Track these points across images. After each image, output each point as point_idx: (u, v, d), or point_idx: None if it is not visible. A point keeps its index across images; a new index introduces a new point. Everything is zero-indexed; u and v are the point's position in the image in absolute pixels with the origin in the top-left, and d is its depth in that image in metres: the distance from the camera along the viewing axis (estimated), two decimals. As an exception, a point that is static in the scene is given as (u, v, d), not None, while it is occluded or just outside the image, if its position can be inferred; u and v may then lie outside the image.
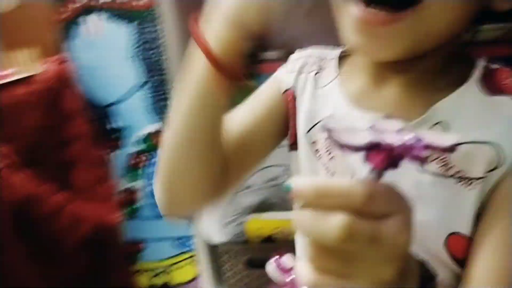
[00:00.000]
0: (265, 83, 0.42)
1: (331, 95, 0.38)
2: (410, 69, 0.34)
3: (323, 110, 0.38)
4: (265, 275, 0.37)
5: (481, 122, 0.32)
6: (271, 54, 0.56)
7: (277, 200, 0.69)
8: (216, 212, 0.65)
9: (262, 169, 0.65)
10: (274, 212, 0.67)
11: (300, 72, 0.40)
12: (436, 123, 0.32)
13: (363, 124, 0.22)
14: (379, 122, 0.22)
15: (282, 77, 0.41)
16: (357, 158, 0.21)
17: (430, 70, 0.34)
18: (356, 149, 0.20)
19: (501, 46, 0.53)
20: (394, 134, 0.21)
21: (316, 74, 0.40)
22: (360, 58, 0.37)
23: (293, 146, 0.41)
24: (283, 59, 0.43)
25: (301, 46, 0.44)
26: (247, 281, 0.68)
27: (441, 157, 0.32)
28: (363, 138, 0.20)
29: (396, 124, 0.22)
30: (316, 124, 0.38)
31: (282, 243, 0.65)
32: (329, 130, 0.21)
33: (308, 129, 0.38)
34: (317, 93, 0.39)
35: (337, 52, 0.41)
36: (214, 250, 0.68)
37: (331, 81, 0.39)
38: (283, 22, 0.33)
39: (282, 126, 0.41)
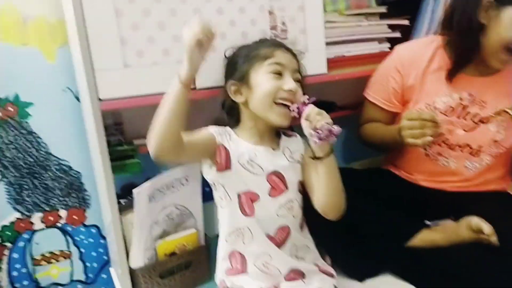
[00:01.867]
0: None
1: (241, 145, 0.85)
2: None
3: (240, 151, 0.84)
4: (174, 282, 0.76)
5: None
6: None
7: (172, 229, 1.03)
8: (136, 244, 0.94)
9: (164, 209, 0.99)
10: (171, 235, 1.01)
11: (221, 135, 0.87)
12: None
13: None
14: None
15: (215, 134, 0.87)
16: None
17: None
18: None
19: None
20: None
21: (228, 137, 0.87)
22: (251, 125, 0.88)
23: (225, 169, 0.85)
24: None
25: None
26: (161, 289, 0.99)
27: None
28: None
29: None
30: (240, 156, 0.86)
31: (184, 254, 1.00)
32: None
33: (237, 158, 0.84)
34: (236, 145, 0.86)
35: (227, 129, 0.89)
36: (133, 273, 0.96)
37: (238, 141, 0.86)
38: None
39: (207, 154, 0.85)
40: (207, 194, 1.08)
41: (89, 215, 1.22)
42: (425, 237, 1.01)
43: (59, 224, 1.19)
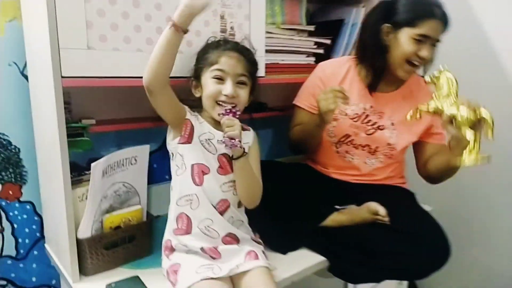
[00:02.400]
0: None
1: (205, 126, 0.98)
2: None
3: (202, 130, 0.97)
4: (117, 253, 0.88)
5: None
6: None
7: (118, 205, 1.10)
8: (87, 215, 1.00)
9: (113, 184, 1.06)
10: (118, 210, 1.08)
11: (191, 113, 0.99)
12: None
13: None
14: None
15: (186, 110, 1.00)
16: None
17: None
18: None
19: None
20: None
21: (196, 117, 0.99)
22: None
23: (186, 142, 0.97)
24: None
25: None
26: (105, 259, 1.05)
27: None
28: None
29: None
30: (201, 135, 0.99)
31: (128, 228, 1.08)
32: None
33: (199, 136, 0.97)
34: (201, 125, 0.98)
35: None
36: (79, 243, 1.01)
37: (203, 122, 0.99)
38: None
39: (176, 117, 1.00)
40: (151, 177, 1.18)
41: (25, 191, 1.21)
42: (334, 219, 1.24)
43: (-7, 198, 1.17)
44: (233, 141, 0.94)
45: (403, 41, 1.20)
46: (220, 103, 0.99)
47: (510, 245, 1.63)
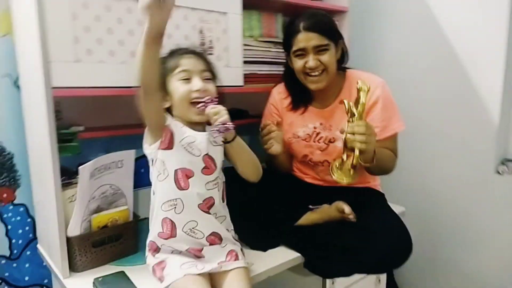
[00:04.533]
0: None
1: (185, 130, 1.03)
2: None
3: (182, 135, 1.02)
4: (104, 251, 0.99)
5: None
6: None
7: (105, 206, 1.18)
8: (76, 215, 1.08)
9: (100, 186, 1.14)
10: (105, 211, 1.16)
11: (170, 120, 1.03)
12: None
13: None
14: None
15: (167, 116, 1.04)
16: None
17: None
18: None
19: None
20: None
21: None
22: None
23: (167, 148, 1.02)
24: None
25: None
26: (93, 256, 1.13)
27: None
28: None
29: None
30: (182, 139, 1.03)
31: (115, 227, 1.16)
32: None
33: (180, 140, 1.02)
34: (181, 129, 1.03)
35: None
36: (69, 241, 1.09)
37: (182, 127, 1.03)
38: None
39: (160, 121, 1.02)
40: (139, 181, 1.26)
41: (18, 194, 1.29)
42: (308, 217, 1.32)
43: (-12, 201, 1.24)
44: (226, 125, 0.99)
45: (293, 60, 1.32)
46: (194, 101, 1.02)
47: (483, 244, 1.72)
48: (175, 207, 1.03)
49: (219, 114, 1.01)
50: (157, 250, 1.07)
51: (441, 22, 1.73)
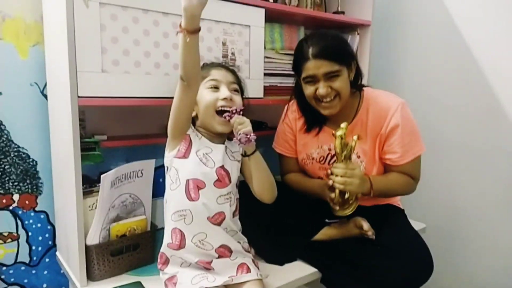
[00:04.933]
0: None
1: (203, 141, 1.05)
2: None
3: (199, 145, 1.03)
4: (122, 260, 1.01)
5: None
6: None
7: (124, 215, 1.18)
8: (96, 223, 1.08)
9: (120, 195, 1.15)
10: (124, 220, 1.17)
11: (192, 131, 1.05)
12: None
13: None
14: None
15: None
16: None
17: None
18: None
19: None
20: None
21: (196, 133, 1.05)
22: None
23: (183, 157, 1.03)
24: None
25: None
26: (111, 265, 1.13)
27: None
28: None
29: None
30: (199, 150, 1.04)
31: (133, 237, 1.16)
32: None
33: (196, 151, 1.03)
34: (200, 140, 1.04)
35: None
36: (88, 249, 1.09)
37: (201, 138, 1.05)
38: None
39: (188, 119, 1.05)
40: (157, 191, 1.26)
41: (40, 201, 1.31)
42: (325, 232, 1.30)
43: (10, 207, 1.26)
44: (248, 136, 1.00)
45: (304, 87, 1.27)
46: (220, 109, 1.04)
47: (505, 262, 1.66)
48: (185, 218, 1.03)
49: (243, 124, 1.02)
50: (166, 262, 1.07)
51: (465, 34, 1.71)
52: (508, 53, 1.59)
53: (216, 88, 1.07)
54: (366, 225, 1.24)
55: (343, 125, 1.15)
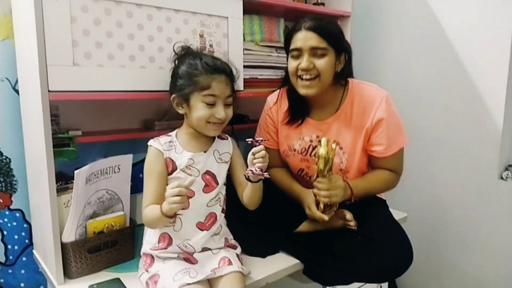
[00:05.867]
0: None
1: (184, 155, 1.03)
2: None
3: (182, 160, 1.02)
4: (100, 257, 1.01)
5: None
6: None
7: (102, 211, 1.16)
8: (71, 221, 1.06)
9: (96, 191, 1.13)
10: (101, 216, 1.15)
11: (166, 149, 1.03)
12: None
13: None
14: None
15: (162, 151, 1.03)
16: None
17: None
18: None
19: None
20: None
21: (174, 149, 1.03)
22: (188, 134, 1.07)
23: (169, 174, 1.03)
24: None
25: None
26: (88, 263, 1.11)
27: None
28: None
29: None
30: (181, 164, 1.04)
31: (111, 233, 1.14)
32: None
33: (180, 164, 1.01)
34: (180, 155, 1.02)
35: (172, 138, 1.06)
36: (64, 247, 1.07)
37: (182, 152, 1.02)
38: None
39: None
40: (137, 187, 1.24)
41: (15, 199, 1.28)
42: (308, 224, 1.30)
43: (-16, 206, 1.23)
44: (262, 173, 1.02)
45: (288, 62, 1.26)
46: (211, 121, 1.05)
47: (486, 249, 1.69)
48: (174, 225, 1.05)
49: (264, 159, 1.02)
50: (152, 262, 1.06)
51: (445, 27, 1.72)
52: (487, 45, 1.59)
53: (213, 104, 1.04)
54: (349, 215, 1.24)
55: (323, 141, 1.14)
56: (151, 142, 1.07)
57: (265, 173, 1.03)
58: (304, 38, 1.18)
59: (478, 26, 1.61)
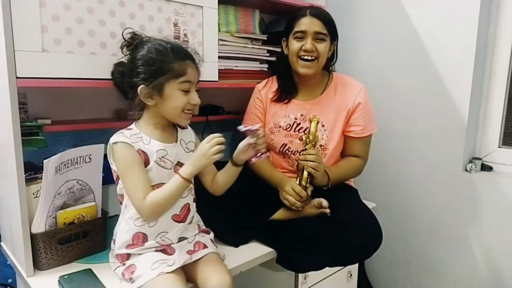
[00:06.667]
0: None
1: (154, 144, 1.01)
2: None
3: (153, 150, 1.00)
4: (71, 248, 1.00)
5: None
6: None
7: (72, 202, 1.14)
8: (40, 211, 1.04)
9: (66, 182, 1.10)
10: (72, 207, 1.13)
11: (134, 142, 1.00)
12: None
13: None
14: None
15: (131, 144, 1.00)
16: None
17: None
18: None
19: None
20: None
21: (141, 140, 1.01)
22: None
23: (146, 166, 1.00)
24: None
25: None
26: (59, 254, 1.09)
27: None
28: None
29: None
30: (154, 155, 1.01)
31: (82, 224, 1.12)
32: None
33: (154, 160, 1.00)
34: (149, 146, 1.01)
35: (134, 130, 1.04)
36: (33, 238, 1.05)
37: (149, 142, 1.01)
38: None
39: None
40: (109, 178, 1.22)
41: (-20, 190, 1.23)
42: (282, 213, 1.33)
43: None
44: (265, 153, 1.13)
45: (290, 43, 1.39)
46: (187, 112, 1.04)
47: (452, 239, 1.77)
48: (149, 223, 1.03)
49: (264, 145, 1.10)
50: (127, 258, 1.04)
51: (413, 21, 1.77)
52: (453, 39, 1.65)
53: (188, 91, 1.02)
54: (325, 203, 1.28)
55: (316, 118, 1.29)
56: (115, 139, 1.00)
57: (267, 153, 1.14)
58: (310, 23, 1.34)
59: (445, 20, 1.66)
